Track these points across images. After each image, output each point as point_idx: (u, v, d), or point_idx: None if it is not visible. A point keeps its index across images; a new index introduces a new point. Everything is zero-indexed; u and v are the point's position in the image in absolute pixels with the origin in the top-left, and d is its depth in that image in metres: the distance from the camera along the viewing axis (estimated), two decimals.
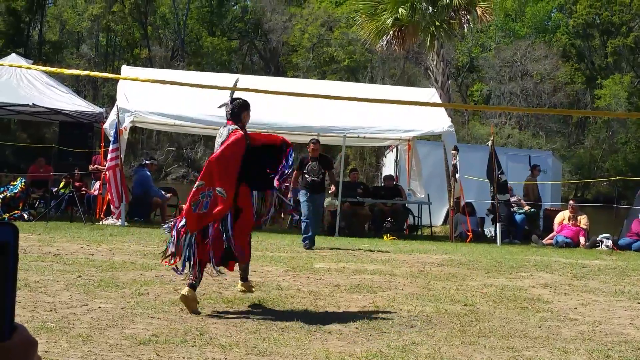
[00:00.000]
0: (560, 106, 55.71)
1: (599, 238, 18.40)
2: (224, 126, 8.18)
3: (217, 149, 7.93)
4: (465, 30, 25.15)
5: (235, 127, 8.03)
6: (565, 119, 59.92)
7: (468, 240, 17.86)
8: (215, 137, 8.34)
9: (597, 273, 12.15)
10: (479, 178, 19.69)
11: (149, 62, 57.01)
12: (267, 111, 18.49)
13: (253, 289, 8.48)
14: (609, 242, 17.94)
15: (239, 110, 8.16)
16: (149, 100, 18.13)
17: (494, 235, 18.57)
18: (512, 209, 19.16)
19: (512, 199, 19.35)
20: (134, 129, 23.44)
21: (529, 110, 56.84)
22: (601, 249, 17.75)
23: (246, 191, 7.89)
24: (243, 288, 8.45)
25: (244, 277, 8.47)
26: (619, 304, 9.01)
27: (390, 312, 7.74)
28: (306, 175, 14.52)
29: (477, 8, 22.57)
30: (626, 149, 57.94)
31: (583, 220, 18.71)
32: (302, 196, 14.64)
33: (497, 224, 18.02)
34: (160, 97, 18.28)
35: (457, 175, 18.38)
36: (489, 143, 19.14)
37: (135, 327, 6.48)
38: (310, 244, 14.07)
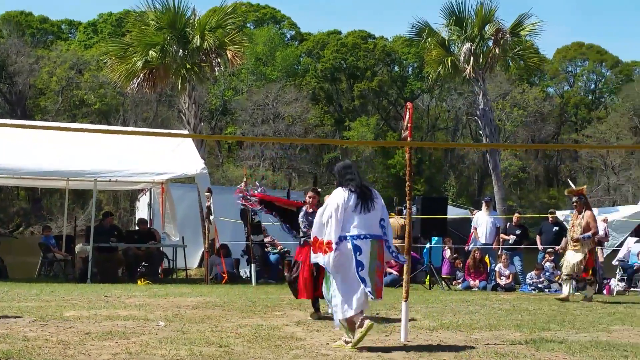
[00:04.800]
0: (311, 148, 57.41)
1: None
2: None
3: None
4: (217, 73, 25.37)
5: None
6: (317, 161, 61.72)
7: (223, 281, 17.88)
8: None
9: None
10: (234, 220, 19.82)
11: None
12: (15, 156, 17.77)
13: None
14: None
15: None
16: None
17: (249, 275, 18.71)
18: (266, 249, 19.40)
19: (266, 240, 19.60)
20: None
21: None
22: None
23: None
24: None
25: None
26: (369, 338, 9.30)
27: (143, 358, 7.57)
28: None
29: (227, 51, 22.85)
30: (374, 189, 60.49)
31: None
32: None
33: (252, 265, 18.18)
34: None
35: (212, 217, 18.41)
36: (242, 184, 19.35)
37: None
38: None
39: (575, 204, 15.38)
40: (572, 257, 15.07)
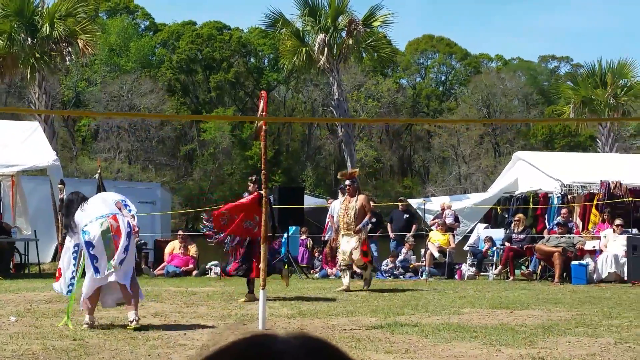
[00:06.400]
0: (168, 140, 56.87)
1: (208, 266, 18.95)
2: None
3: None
4: (68, 62, 24.74)
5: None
6: (174, 153, 61.09)
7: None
8: None
9: (206, 299, 12.50)
10: None
11: None
12: None
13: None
14: (218, 269, 18.54)
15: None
16: None
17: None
18: None
19: None
20: None
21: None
22: (210, 276, 18.29)
23: None
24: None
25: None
26: (226, 325, 9.32)
27: None
28: None
29: (79, 41, 22.34)
30: (232, 180, 60.35)
31: (192, 249, 19.16)
32: None
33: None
34: None
35: None
36: (96, 176, 18.99)
37: None
38: None
39: (348, 187, 15.04)
40: (347, 245, 14.73)
